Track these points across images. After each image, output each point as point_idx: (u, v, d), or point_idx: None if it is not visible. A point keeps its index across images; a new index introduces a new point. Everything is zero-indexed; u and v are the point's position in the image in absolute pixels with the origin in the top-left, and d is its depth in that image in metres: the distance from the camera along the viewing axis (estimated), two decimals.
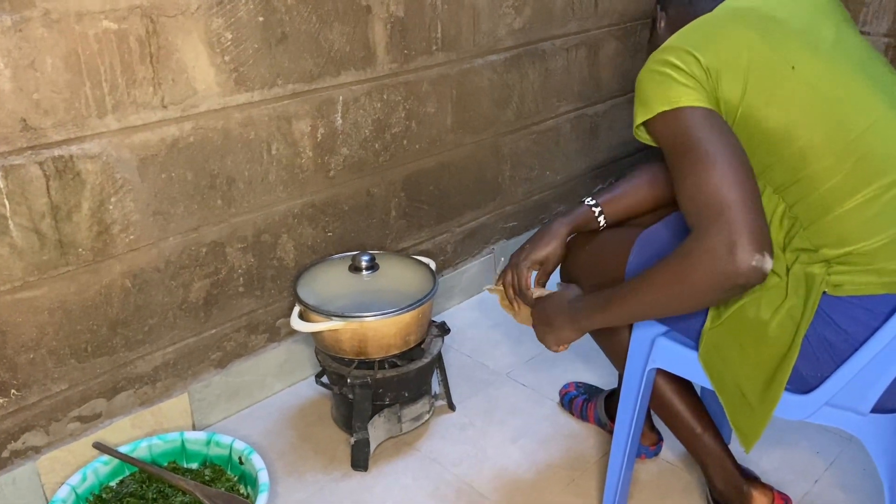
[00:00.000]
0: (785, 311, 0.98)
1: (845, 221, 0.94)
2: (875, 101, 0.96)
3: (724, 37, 0.95)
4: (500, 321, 1.95)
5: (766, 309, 0.99)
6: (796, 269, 0.98)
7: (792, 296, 0.98)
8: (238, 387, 1.61)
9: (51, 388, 1.33)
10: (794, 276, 0.98)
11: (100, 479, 1.32)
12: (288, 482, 1.43)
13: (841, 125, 0.94)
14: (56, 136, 1.21)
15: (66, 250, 1.28)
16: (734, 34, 0.95)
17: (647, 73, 0.97)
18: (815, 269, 0.96)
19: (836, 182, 0.93)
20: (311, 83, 1.52)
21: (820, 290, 0.96)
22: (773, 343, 0.99)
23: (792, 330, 0.97)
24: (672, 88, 0.93)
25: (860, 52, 1.01)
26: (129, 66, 1.26)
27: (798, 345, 0.96)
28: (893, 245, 0.93)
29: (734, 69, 0.93)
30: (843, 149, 0.93)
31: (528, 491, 1.41)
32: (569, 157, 2.22)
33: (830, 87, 0.95)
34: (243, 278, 1.55)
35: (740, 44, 0.94)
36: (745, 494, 1.26)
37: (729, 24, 0.97)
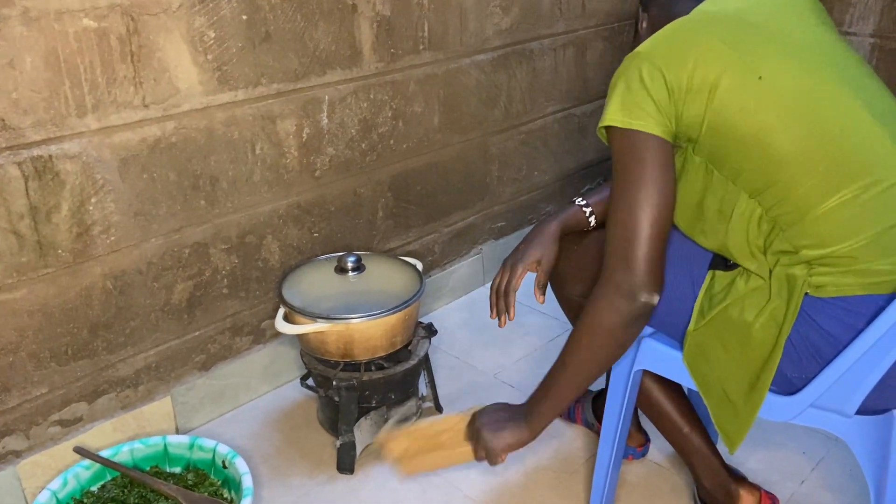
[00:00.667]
0: (768, 313, 0.98)
1: (824, 223, 0.94)
2: (850, 102, 0.96)
3: (693, 50, 0.95)
4: (489, 323, 1.94)
5: (750, 311, 0.99)
6: (778, 271, 0.98)
7: (775, 298, 0.97)
8: (222, 389, 1.59)
9: (31, 391, 1.31)
10: (776, 279, 0.98)
11: (81, 484, 1.31)
12: (273, 486, 1.42)
13: (813, 129, 0.94)
14: (35, 136, 1.20)
15: (46, 252, 1.26)
16: (703, 46, 0.95)
17: (619, 80, 0.98)
18: (797, 270, 0.96)
19: (812, 185, 0.93)
20: (296, 82, 1.50)
21: (802, 291, 0.95)
22: (757, 345, 0.99)
23: (775, 332, 0.97)
24: (633, 108, 0.95)
25: (836, 54, 1.01)
26: (110, 64, 1.24)
27: (781, 346, 0.96)
28: (873, 246, 0.93)
29: (699, 85, 0.94)
30: (816, 152, 0.93)
31: (515, 493, 1.40)
32: (557, 157, 2.21)
33: (802, 92, 0.95)
34: (227, 280, 1.53)
35: (708, 57, 0.94)
36: (732, 494, 1.25)
37: (700, 34, 0.97)
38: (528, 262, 1.21)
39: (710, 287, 1.04)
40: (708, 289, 1.04)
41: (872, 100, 0.98)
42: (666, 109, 0.95)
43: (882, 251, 0.93)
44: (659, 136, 0.95)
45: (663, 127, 0.95)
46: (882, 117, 0.97)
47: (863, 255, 0.93)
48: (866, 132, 0.95)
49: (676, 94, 0.94)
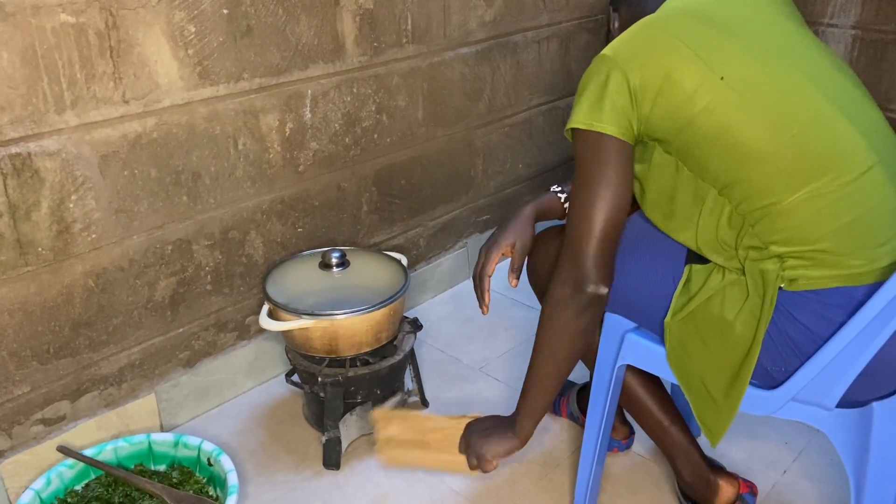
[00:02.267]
0: (747, 310, 0.99)
1: (791, 218, 0.95)
2: (815, 96, 0.97)
3: (655, 53, 0.97)
4: (474, 316, 1.95)
5: (730, 308, 1.00)
6: (749, 266, 0.99)
7: (752, 293, 0.98)
8: (207, 386, 1.59)
9: (12, 390, 1.29)
10: (749, 274, 0.99)
11: (65, 483, 1.30)
12: (258, 482, 1.42)
13: (776, 125, 0.95)
14: (13, 133, 1.18)
15: (26, 250, 1.24)
16: (665, 48, 0.97)
17: (586, 82, 1.01)
18: (769, 265, 0.97)
19: (778, 180, 0.94)
20: (279, 77, 1.49)
21: (776, 285, 0.96)
22: (736, 340, 1.00)
23: (753, 326, 0.98)
24: (595, 111, 0.98)
25: (802, 48, 1.02)
26: (89, 60, 1.22)
27: (759, 342, 0.97)
28: (841, 239, 0.94)
29: (661, 87, 0.96)
30: (781, 148, 0.94)
31: (500, 486, 1.41)
32: (541, 149, 2.22)
33: (766, 88, 0.96)
34: (211, 276, 1.52)
35: (669, 60, 0.96)
36: (712, 485, 1.27)
37: (662, 35, 0.98)
38: (502, 247, 1.21)
39: (687, 281, 1.05)
40: (686, 283, 1.05)
41: (839, 93, 0.99)
42: (626, 112, 0.98)
43: (852, 244, 0.94)
44: (618, 137, 0.98)
45: (623, 129, 0.98)
46: (847, 110, 0.98)
47: (833, 249, 0.94)
48: (832, 126, 0.96)
49: (639, 96, 0.97)
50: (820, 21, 2.22)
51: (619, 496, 1.39)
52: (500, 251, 1.21)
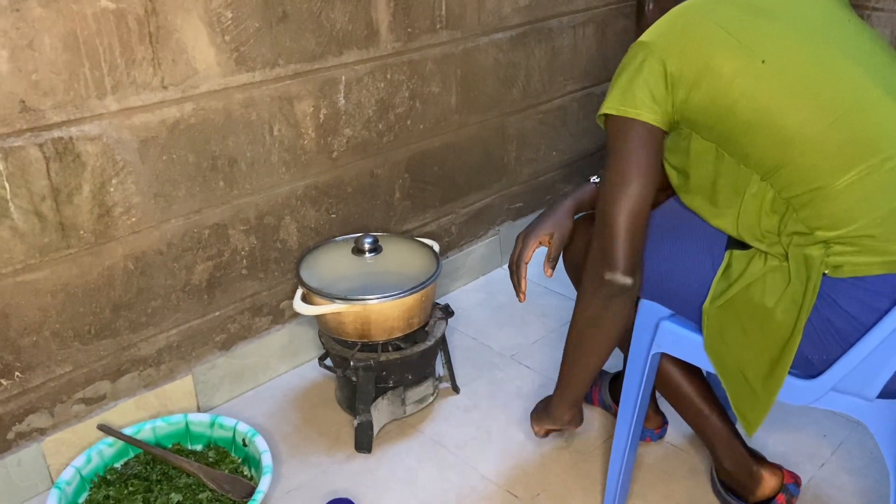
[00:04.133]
0: (788, 297, 0.97)
1: (836, 203, 0.93)
2: (859, 79, 0.95)
3: (694, 39, 0.96)
4: (506, 303, 1.95)
5: (771, 295, 0.98)
6: (793, 251, 0.97)
7: (794, 279, 0.96)
8: (242, 369, 1.61)
9: (55, 370, 1.33)
10: (793, 260, 0.97)
11: (104, 461, 1.33)
12: (291, 464, 1.44)
13: (821, 109, 0.93)
14: (55, 118, 1.20)
15: (68, 233, 1.27)
16: (704, 34, 0.96)
17: (622, 69, 1.00)
18: (814, 251, 0.95)
19: (822, 164, 0.93)
20: (313, 63, 1.50)
21: (820, 272, 0.95)
22: (777, 328, 0.98)
23: (795, 313, 0.96)
24: (629, 97, 0.98)
25: (846, 30, 1.00)
26: (129, 46, 1.24)
27: (801, 329, 0.95)
28: (888, 223, 0.92)
29: (700, 73, 0.95)
30: (825, 131, 0.92)
31: (531, 473, 1.41)
32: (575, 136, 2.19)
33: (809, 71, 0.94)
34: (246, 260, 1.54)
35: (709, 45, 0.95)
36: (755, 475, 1.25)
37: (701, 21, 0.97)
38: (540, 235, 1.21)
39: (727, 267, 1.03)
40: (725, 269, 1.03)
41: (885, 75, 0.97)
42: (661, 98, 0.97)
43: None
44: (650, 123, 0.97)
45: (655, 115, 0.98)
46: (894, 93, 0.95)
47: (879, 234, 0.92)
48: (877, 108, 0.94)
49: (676, 83, 0.96)
50: (866, 4, 2.15)
51: (651, 486, 1.38)
52: (538, 240, 1.21)
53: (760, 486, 1.25)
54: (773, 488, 1.25)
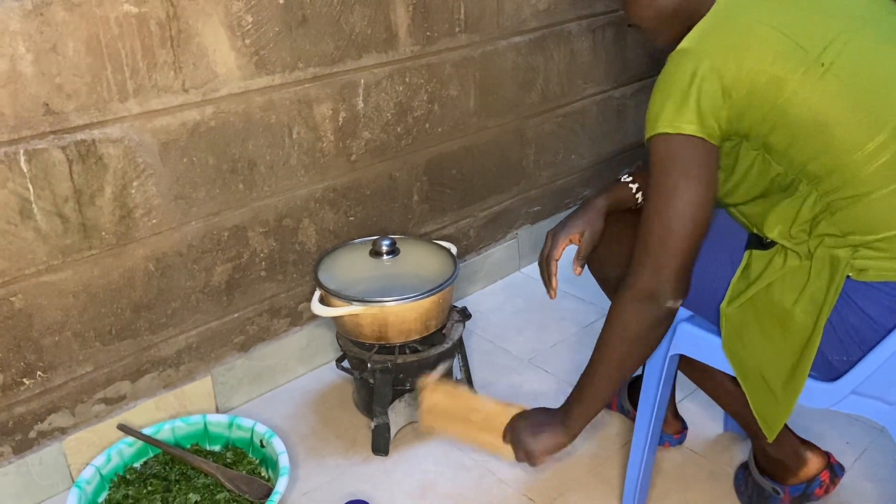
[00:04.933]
0: (808, 296, 0.95)
1: (876, 209, 0.91)
2: None
3: (747, 44, 0.90)
4: (524, 307, 1.94)
5: (790, 294, 0.97)
6: (820, 252, 0.95)
7: (814, 279, 0.95)
8: (260, 370, 1.62)
9: (76, 370, 1.35)
10: (817, 259, 0.96)
11: (124, 460, 1.34)
12: (309, 466, 1.44)
13: (878, 117, 0.90)
14: (78, 121, 1.22)
15: (90, 234, 1.29)
16: (762, 40, 0.90)
17: (667, 81, 0.93)
18: (840, 252, 0.94)
19: (873, 174, 0.90)
20: (333, 66, 1.51)
21: (844, 273, 0.93)
22: (797, 328, 0.96)
23: (814, 314, 0.95)
24: (680, 112, 0.91)
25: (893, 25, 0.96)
26: (150, 49, 1.26)
27: (821, 330, 0.94)
28: None
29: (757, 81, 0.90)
30: (879, 140, 0.90)
31: (548, 478, 1.40)
32: (595, 140, 2.18)
33: (869, 73, 0.91)
34: (265, 262, 1.55)
35: (769, 53, 0.89)
36: (800, 456, 1.24)
37: (756, 24, 0.91)
38: (571, 233, 1.19)
39: (746, 266, 1.02)
40: (745, 268, 1.02)
41: None
42: (715, 112, 0.91)
43: None
44: (705, 139, 0.92)
45: (710, 130, 0.92)
46: None
47: None
48: None
49: (733, 93, 0.90)
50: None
51: (670, 492, 1.36)
52: (568, 237, 1.19)
53: (805, 466, 1.24)
54: (818, 468, 1.24)
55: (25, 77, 1.15)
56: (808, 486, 1.24)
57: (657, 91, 0.94)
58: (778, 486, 1.25)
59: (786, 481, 1.25)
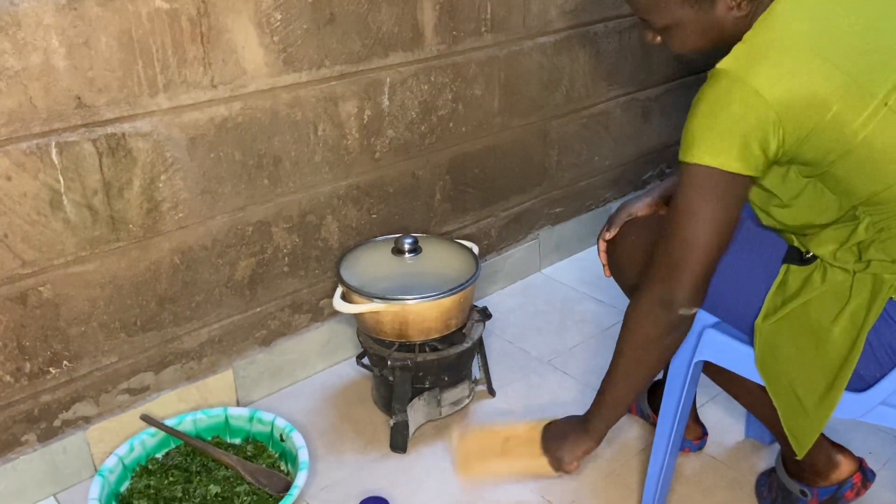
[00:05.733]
0: (847, 316, 0.95)
1: None
2: None
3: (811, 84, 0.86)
4: (543, 308, 1.94)
5: (828, 313, 0.96)
6: (863, 274, 0.95)
7: (855, 297, 0.94)
8: (281, 365, 1.63)
9: (101, 360, 1.36)
10: (859, 280, 0.95)
11: (146, 451, 1.36)
12: (327, 461, 1.45)
13: None
14: (109, 114, 1.24)
15: (118, 226, 1.30)
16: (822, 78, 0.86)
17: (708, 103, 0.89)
18: (886, 276, 0.93)
19: None
20: (359, 64, 1.51)
21: (887, 295, 0.93)
22: (834, 347, 0.96)
23: (854, 334, 0.94)
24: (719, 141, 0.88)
25: None
26: (181, 45, 1.27)
27: (860, 349, 0.93)
28: None
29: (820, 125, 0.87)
30: None
31: (566, 481, 1.39)
32: (618, 142, 2.17)
33: None
34: (288, 258, 1.56)
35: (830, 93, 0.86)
36: (832, 459, 1.23)
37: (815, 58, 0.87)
38: (622, 219, 1.22)
39: (783, 281, 1.01)
40: (781, 283, 1.01)
41: None
42: (763, 145, 0.88)
43: None
44: (741, 174, 0.89)
45: (754, 163, 0.89)
46: None
47: None
48: None
49: (790, 134, 0.87)
50: None
51: (690, 498, 1.35)
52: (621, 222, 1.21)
53: (837, 469, 1.23)
54: (850, 471, 1.23)
55: (58, 70, 1.17)
56: (838, 489, 1.22)
57: (701, 114, 0.90)
58: (806, 489, 1.24)
59: (815, 483, 1.24)
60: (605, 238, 1.21)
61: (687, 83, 2.24)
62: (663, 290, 0.98)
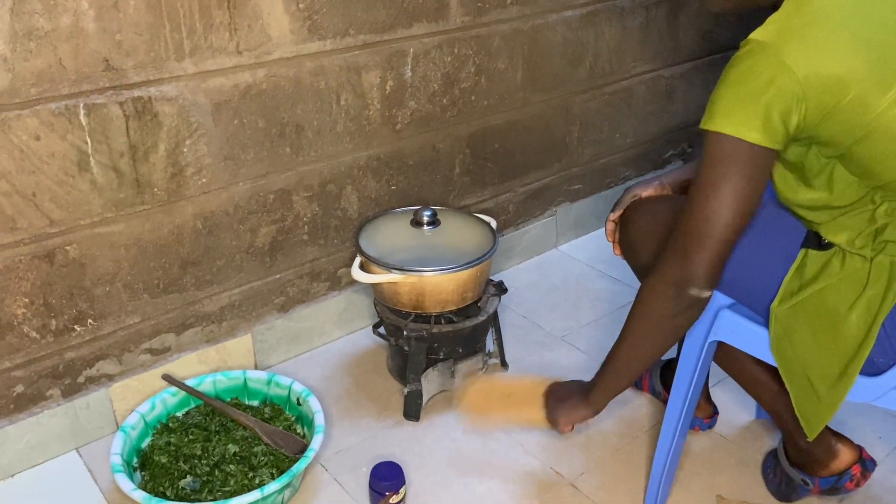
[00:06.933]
0: (864, 302, 0.95)
1: None
2: None
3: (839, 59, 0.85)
4: (559, 284, 1.94)
5: (845, 299, 0.96)
6: (880, 258, 0.94)
7: (873, 284, 0.94)
8: (298, 331, 1.66)
9: (125, 320, 1.39)
10: (877, 265, 0.95)
11: (167, 409, 1.39)
12: (342, 426, 1.48)
13: None
14: (136, 78, 1.25)
15: (143, 189, 1.32)
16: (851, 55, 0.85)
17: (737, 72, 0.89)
18: None
19: None
20: (383, 34, 1.51)
21: None
22: (850, 333, 0.96)
23: (869, 320, 0.94)
24: (744, 111, 0.88)
25: None
26: (208, 10, 1.28)
27: (874, 335, 0.93)
28: None
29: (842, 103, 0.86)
30: None
31: (575, 453, 1.42)
32: (640, 120, 2.16)
33: None
34: (308, 227, 1.58)
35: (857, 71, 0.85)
36: (832, 449, 1.24)
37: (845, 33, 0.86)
38: (633, 195, 1.23)
39: (801, 265, 1.01)
40: (799, 267, 1.01)
41: None
42: (786, 118, 0.87)
43: None
44: (764, 146, 0.88)
45: (774, 137, 0.88)
46: None
47: None
48: None
49: (813, 109, 0.86)
50: None
51: (697, 475, 1.37)
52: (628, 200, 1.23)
53: (837, 459, 1.23)
54: (850, 461, 1.23)
55: (87, 33, 1.18)
56: (838, 479, 1.24)
57: (728, 81, 0.89)
58: (808, 478, 1.25)
59: (816, 473, 1.25)
60: (610, 219, 1.23)
61: (714, 61, 2.21)
62: (677, 269, 0.97)
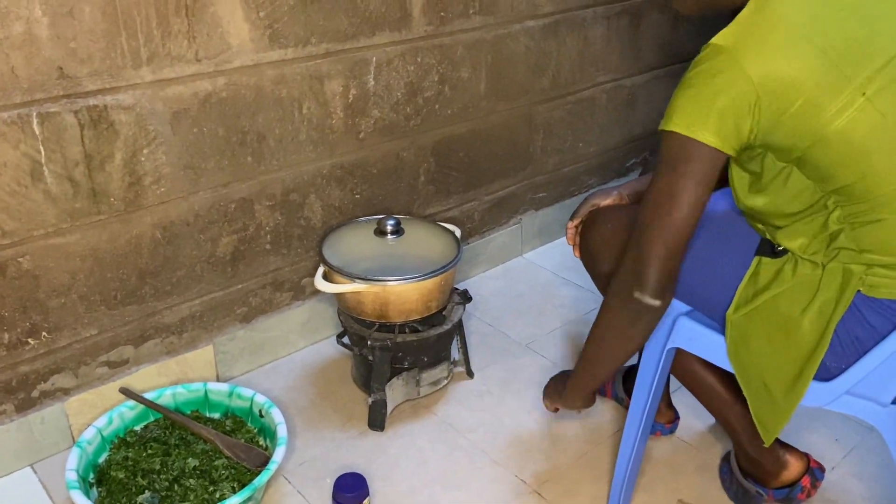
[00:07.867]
0: (816, 308, 0.97)
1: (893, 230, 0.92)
2: None
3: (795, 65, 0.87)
4: (524, 292, 1.95)
5: (798, 304, 0.98)
6: (833, 265, 0.96)
7: (824, 290, 0.96)
8: (262, 342, 1.64)
9: (81, 332, 1.36)
10: (829, 271, 0.97)
11: (125, 423, 1.37)
12: (306, 437, 1.46)
13: None
14: (91, 86, 1.23)
15: (99, 199, 1.30)
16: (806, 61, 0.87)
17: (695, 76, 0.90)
18: (854, 267, 0.95)
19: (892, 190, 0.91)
20: (345, 43, 1.51)
21: (855, 287, 0.94)
22: (803, 338, 0.98)
23: (822, 325, 0.96)
24: (699, 113, 0.89)
25: None
26: (165, 17, 1.26)
27: (828, 340, 0.95)
28: None
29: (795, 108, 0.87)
30: None
31: (540, 461, 1.42)
32: (603, 128, 2.19)
33: None
34: (270, 236, 1.56)
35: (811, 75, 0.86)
36: (780, 460, 1.26)
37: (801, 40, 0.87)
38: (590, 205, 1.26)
39: (755, 273, 1.02)
40: (753, 275, 1.02)
41: None
42: (739, 122, 0.88)
43: None
44: (716, 148, 0.89)
45: (726, 140, 0.89)
46: None
47: None
48: None
49: (763, 108, 0.87)
50: None
51: (660, 479, 1.38)
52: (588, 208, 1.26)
53: (786, 470, 1.26)
54: (799, 472, 1.26)
55: (41, 40, 1.16)
56: (790, 491, 1.26)
57: (687, 84, 0.91)
58: (761, 490, 1.28)
59: (768, 484, 1.27)
60: (569, 227, 1.26)
61: (674, 70, 2.25)
62: (630, 277, 0.98)
